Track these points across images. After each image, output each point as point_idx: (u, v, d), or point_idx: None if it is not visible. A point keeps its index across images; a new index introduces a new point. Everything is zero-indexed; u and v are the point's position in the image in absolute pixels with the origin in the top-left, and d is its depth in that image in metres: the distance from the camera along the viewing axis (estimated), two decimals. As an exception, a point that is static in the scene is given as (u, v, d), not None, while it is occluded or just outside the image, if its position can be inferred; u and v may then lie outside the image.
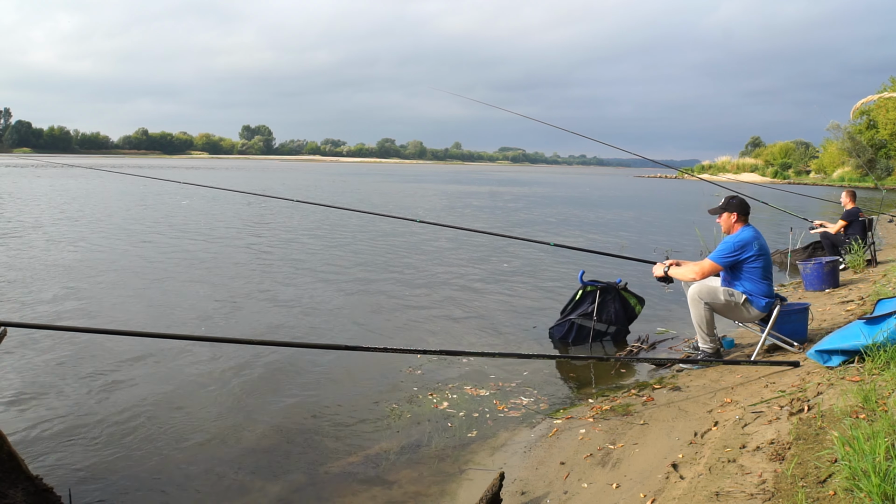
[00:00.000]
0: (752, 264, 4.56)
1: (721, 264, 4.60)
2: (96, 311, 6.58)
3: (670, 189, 47.19)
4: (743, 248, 4.54)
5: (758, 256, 4.55)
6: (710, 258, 4.63)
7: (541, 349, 5.62)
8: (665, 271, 4.81)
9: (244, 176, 49.87)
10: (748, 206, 4.76)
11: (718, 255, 4.60)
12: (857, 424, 2.62)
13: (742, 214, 4.71)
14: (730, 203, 4.73)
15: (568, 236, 14.66)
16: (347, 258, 10.53)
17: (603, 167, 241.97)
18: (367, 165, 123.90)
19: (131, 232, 13.10)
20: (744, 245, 4.55)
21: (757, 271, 4.57)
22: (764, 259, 4.59)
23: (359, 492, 3.22)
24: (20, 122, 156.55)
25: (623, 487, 2.96)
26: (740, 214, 4.70)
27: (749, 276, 4.58)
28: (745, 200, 4.75)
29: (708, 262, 4.63)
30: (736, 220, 4.71)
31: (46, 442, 3.64)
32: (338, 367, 5.05)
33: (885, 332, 3.58)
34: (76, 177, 35.73)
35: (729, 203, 4.74)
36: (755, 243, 4.57)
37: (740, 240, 4.58)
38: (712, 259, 4.61)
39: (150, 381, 4.61)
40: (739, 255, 4.54)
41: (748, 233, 4.63)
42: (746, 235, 4.61)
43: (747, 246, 4.55)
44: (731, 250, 4.56)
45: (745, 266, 4.57)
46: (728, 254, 4.56)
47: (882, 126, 51.22)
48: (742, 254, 4.54)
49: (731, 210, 4.72)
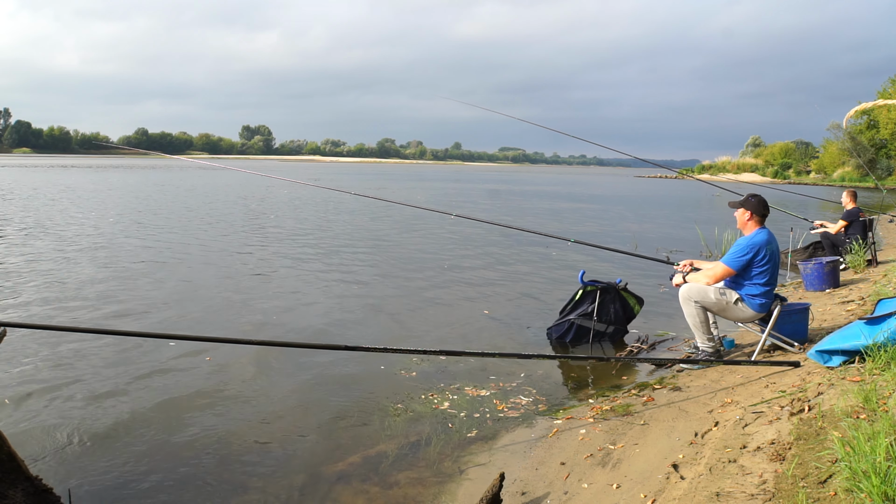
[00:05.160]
0: (759, 267, 4.51)
1: (734, 268, 4.53)
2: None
3: (671, 189, 47.15)
4: (755, 251, 4.49)
5: (767, 261, 4.51)
6: (724, 262, 4.58)
7: (541, 349, 5.62)
8: (684, 278, 4.77)
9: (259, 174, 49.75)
10: (766, 207, 4.67)
11: (731, 257, 4.55)
12: (858, 425, 2.61)
13: (757, 214, 4.63)
14: (748, 200, 4.68)
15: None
16: (346, 258, 10.54)
17: (603, 167, 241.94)
18: (367, 165, 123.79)
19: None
20: (757, 248, 4.50)
21: (762, 275, 4.52)
22: (772, 264, 4.55)
23: (359, 492, 3.22)
24: (20, 122, 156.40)
25: (623, 488, 2.96)
26: (755, 214, 4.63)
27: (753, 277, 4.54)
28: (765, 201, 4.67)
29: (721, 266, 4.58)
30: (750, 219, 4.65)
31: (46, 442, 3.64)
32: (338, 367, 5.05)
33: (885, 332, 3.57)
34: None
35: (747, 200, 4.69)
36: (767, 248, 4.52)
37: (754, 242, 4.52)
38: (725, 263, 4.56)
39: (149, 382, 4.62)
40: (751, 257, 4.49)
41: (762, 236, 4.56)
42: (760, 239, 4.54)
43: (760, 249, 4.49)
44: (744, 252, 4.51)
45: (752, 268, 4.53)
46: (740, 255, 4.51)
47: (883, 126, 51.21)
48: (754, 256, 4.49)
49: (747, 207, 4.66)
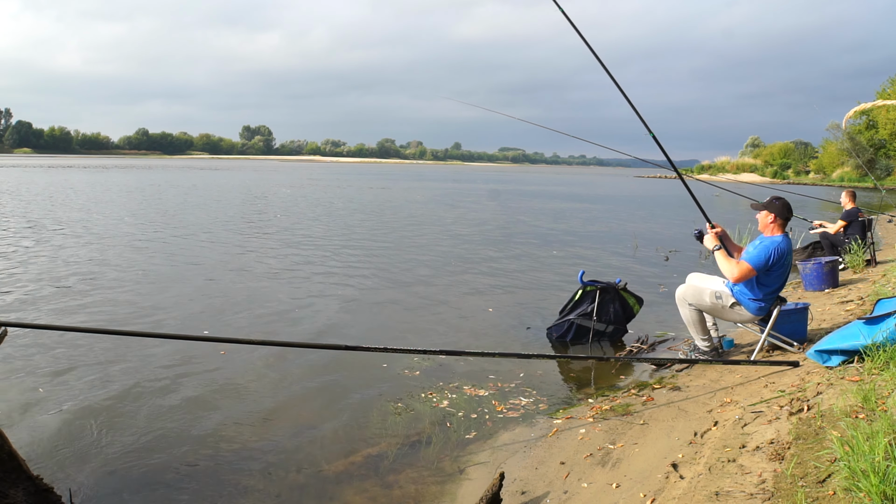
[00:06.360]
0: (773, 273, 4.48)
1: (759, 270, 4.44)
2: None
3: (670, 189, 47.15)
4: (779, 256, 4.43)
5: (782, 269, 4.49)
6: (750, 263, 4.44)
7: (540, 349, 5.62)
8: (713, 249, 4.64)
9: (270, 174, 49.88)
10: (790, 210, 4.61)
11: (757, 261, 4.43)
12: (857, 424, 2.62)
13: (781, 217, 4.57)
14: (772, 203, 4.62)
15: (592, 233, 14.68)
16: (346, 259, 10.54)
17: (603, 167, 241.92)
18: (367, 166, 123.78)
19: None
20: (780, 253, 4.44)
21: (773, 282, 4.50)
22: (784, 272, 4.52)
23: (359, 492, 3.22)
24: (20, 122, 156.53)
25: (623, 487, 2.97)
26: (778, 217, 4.57)
27: (763, 281, 4.49)
28: (789, 205, 4.60)
29: (747, 266, 4.43)
30: (773, 222, 4.58)
31: (47, 441, 3.64)
32: (338, 366, 5.05)
33: (884, 332, 3.58)
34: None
35: (771, 203, 4.63)
36: (788, 257, 4.49)
37: (781, 248, 4.46)
38: (751, 264, 4.43)
39: (150, 382, 4.62)
40: (774, 261, 4.43)
41: (786, 244, 4.51)
42: (785, 246, 4.49)
43: (783, 255, 4.45)
44: (769, 255, 4.42)
45: (768, 273, 4.48)
46: (766, 257, 4.42)
47: (881, 126, 51.22)
48: (776, 261, 4.44)
49: (770, 210, 4.60)
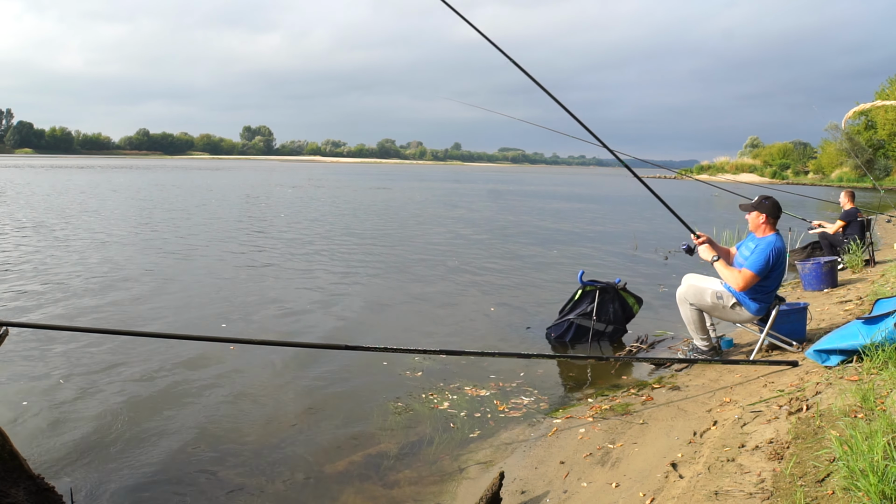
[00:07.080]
0: (772, 274, 4.49)
1: (762, 276, 4.45)
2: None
3: (670, 189, 47.15)
4: (777, 256, 4.44)
5: (779, 268, 4.50)
6: (752, 270, 4.45)
7: (540, 349, 5.63)
8: (711, 260, 4.63)
9: (270, 174, 49.88)
10: (780, 209, 4.63)
11: (759, 266, 4.43)
12: (856, 424, 2.62)
13: (772, 217, 4.59)
14: (762, 203, 4.63)
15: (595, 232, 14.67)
16: (347, 258, 10.55)
17: (602, 167, 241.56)
18: (367, 166, 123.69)
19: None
20: (780, 255, 4.46)
21: (772, 282, 4.51)
22: (781, 271, 4.54)
23: (359, 491, 3.23)
24: (21, 122, 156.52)
25: (622, 486, 2.97)
26: (769, 216, 4.59)
27: (761, 282, 4.50)
28: (778, 203, 4.62)
29: (750, 273, 4.44)
30: (764, 222, 4.59)
31: (48, 441, 3.65)
32: (338, 366, 5.05)
33: (883, 331, 3.59)
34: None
35: (761, 203, 4.63)
36: (784, 255, 4.50)
37: (778, 249, 4.47)
38: (754, 271, 4.43)
39: (150, 382, 4.63)
40: (774, 262, 4.44)
41: (780, 242, 4.52)
42: (780, 245, 4.50)
43: (780, 255, 4.46)
44: (771, 260, 4.43)
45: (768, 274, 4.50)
46: (767, 263, 4.43)
47: (880, 126, 51.25)
48: (776, 262, 4.45)
49: (761, 210, 4.61)
